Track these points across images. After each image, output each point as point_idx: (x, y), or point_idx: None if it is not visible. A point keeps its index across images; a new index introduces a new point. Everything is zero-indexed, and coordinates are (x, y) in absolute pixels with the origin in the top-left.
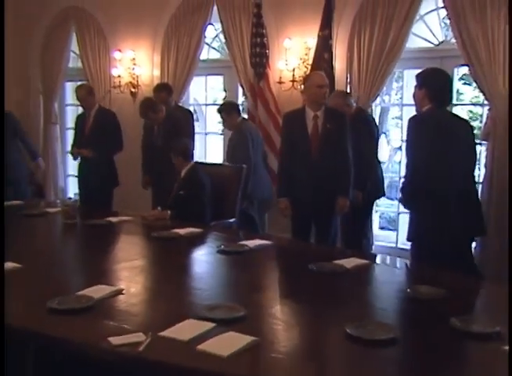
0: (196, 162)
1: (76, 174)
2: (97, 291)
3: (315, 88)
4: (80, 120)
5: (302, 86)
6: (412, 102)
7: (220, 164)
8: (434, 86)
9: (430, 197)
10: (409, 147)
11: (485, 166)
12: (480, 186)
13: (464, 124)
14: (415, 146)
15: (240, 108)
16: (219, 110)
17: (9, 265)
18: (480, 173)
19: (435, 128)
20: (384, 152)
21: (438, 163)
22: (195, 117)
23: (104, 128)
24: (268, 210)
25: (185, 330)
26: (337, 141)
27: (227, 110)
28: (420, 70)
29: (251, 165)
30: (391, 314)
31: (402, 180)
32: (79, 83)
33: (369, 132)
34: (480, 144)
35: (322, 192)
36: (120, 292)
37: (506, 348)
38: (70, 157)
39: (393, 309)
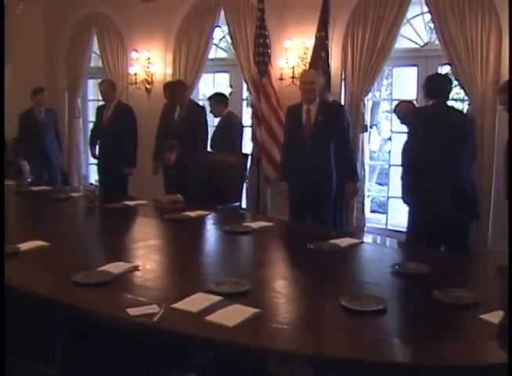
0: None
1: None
2: (116, 267)
3: (302, 85)
4: (100, 111)
5: None
6: (401, 97)
7: (226, 153)
8: (428, 87)
9: (420, 180)
10: (407, 135)
11: None
12: None
13: (460, 116)
14: (410, 133)
15: (228, 101)
16: (209, 98)
17: (38, 243)
18: None
19: (429, 117)
20: (375, 142)
21: (426, 147)
22: None
23: (121, 121)
24: None
25: (195, 302)
26: (330, 132)
27: (216, 99)
28: (407, 68)
29: (238, 146)
30: (381, 288)
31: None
32: (100, 80)
33: None
34: None
35: (316, 179)
36: (136, 268)
37: (482, 316)
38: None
39: (383, 284)
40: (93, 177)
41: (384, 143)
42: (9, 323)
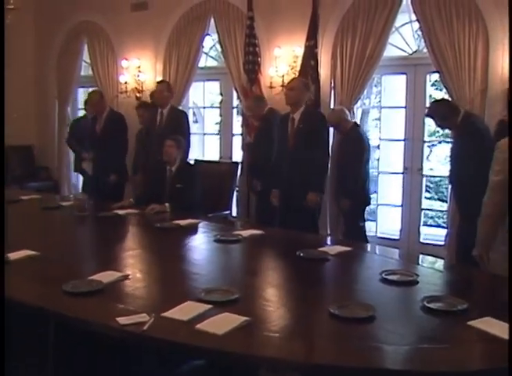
0: (196, 160)
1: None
2: (106, 276)
3: (285, 91)
4: (78, 122)
5: None
6: (390, 105)
7: (217, 162)
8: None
9: None
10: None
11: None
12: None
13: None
14: None
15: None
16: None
17: (28, 252)
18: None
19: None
20: None
21: None
22: (194, 119)
23: (114, 130)
24: None
25: (184, 311)
26: (311, 140)
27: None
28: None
29: None
30: (370, 295)
31: None
32: (90, 89)
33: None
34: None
35: (296, 185)
36: (126, 277)
37: (470, 322)
38: None
39: (372, 291)
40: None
41: (372, 151)
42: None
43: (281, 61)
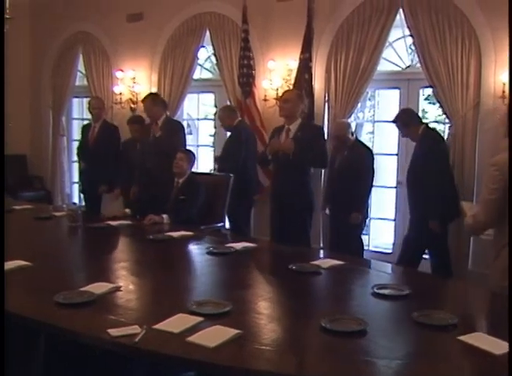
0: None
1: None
2: (98, 288)
3: (279, 103)
4: (86, 129)
5: None
6: (384, 118)
7: (210, 174)
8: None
9: None
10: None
11: None
12: None
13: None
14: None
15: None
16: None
17: (19, 263)
18: None
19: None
20: None
21: None
22: (188, 130)
23: (107, 140)
24: None
25: (176, 323)
26: (307, 146)
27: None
28: (389, 90)
29: None
30: (361, 309)
31: None
32: (85, 100)
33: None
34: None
35: (286, 193)
36: (118, 289)
37: (460, 337)
38: (75, 166)
39: (363, 305)
40: (76, 196)
41: None
42: None
43: (275, 74)
